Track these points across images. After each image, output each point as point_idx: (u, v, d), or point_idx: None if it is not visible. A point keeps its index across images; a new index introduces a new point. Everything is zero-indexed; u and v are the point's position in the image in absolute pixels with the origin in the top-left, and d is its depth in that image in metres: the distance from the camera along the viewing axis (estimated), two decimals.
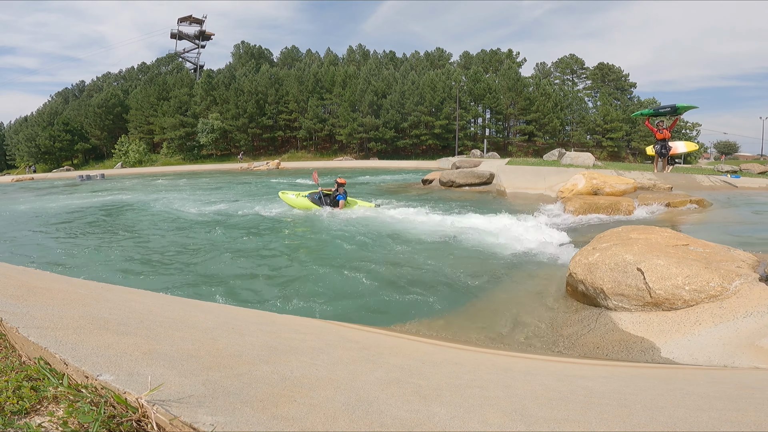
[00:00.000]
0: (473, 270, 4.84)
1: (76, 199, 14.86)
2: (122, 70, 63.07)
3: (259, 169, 35.77)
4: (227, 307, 2.81)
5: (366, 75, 49.12)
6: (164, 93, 51.62)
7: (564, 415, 1.15)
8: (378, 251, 5.90)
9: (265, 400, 0.99)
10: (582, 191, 9.18)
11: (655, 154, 12.28)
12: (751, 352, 2.24)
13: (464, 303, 3.91)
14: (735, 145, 57.82)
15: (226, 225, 8.36)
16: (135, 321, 1.57)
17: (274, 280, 4.67)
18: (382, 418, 0.99)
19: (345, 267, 5.10)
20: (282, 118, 50.45)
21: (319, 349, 1.75)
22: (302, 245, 6.58)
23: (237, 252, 6.00)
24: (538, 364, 2.29)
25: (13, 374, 1.00)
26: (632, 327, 2.78)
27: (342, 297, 4.13)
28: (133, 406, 0.85)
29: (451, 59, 58.68)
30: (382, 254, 5.73)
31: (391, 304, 3.96)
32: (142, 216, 10.15)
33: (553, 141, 48.01)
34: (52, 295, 1.71)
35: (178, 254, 5.99)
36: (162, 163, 48.91)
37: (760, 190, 10.38)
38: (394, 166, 34.65)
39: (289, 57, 60.87)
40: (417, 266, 5.04)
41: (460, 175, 14.06)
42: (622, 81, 53.96)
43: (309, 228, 7.79)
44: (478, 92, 48.00)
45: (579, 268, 3.34)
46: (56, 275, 2.77)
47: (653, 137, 12.24)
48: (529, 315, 3.47)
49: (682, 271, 2.80)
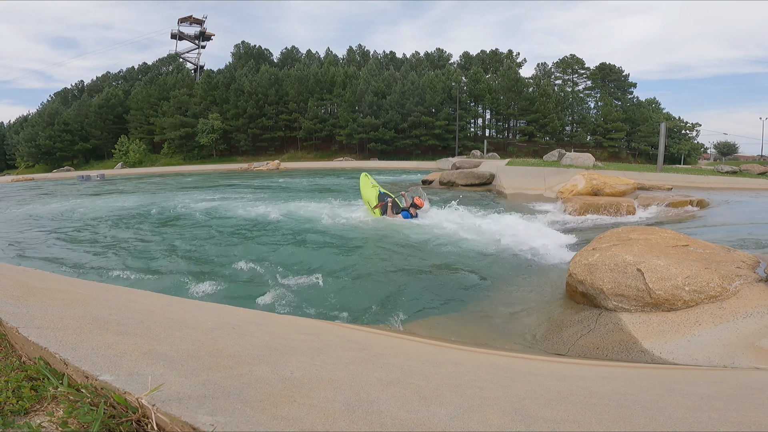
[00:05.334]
0: (473, 270, 4.84)
1: (76, 200, 14.86)
2: (122, 70, 63.17)
3: (259, 169, 35.79)
4: (227, 307, 2.81)
5: (366, 75, 49.14)
6: (164, 93, 51.65)
7: (564, 415, 1.15)
8: (377, 252, 5.90)
9: (264, 400, 0.99)
10: (582, 192, 9.19)
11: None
12: (751, 353, 2.24)
13: (464, 303, 3.91)
14: (734, 145, 57.81)
15: (226, 225, 8.36)
16: (135, 321, 1.57)
17: (274, 281, 4.67)
18: (382, 418, 0.99)
19: (344, 267, 5.10)
20: (282, 118, 50.47)
21: (319, 350, 1.75)
22: (302, 246, 6.57)
23: (237, 252, 6.00)
24: (538, 364, 2.29)
25: (13, 374, 1.01)
26: (632, 327, 2.77)
27: (342, 297, 4.13)
28: (133, 406, 0.85)
29: (450, 60, 58.73)
30: (381, 255, 5.73)
31: (391, 304, 3.96)
32: (142, 216, 10.15)
33: (553, 141, 48.03)
34: (52, 296, 1.71)
35: (178, 254, 5.99)
36: (162, 163, 48.92)
37: (760, 191, 10.38)
38: (394, 166, 34.66)
39: (288, 57, 60.89)
40: (416, 267, 5.04)
41: (460, 176, 14.07)
42: (623, 81, 53.99)
43: (308, 229, 7.79)
44: (478, 93, 48.02)
45: (579, 268, 3.34)
46: (56, 275, 2.77)
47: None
48: (529, 315, 3.47)
49: (682, 272, 2.80)
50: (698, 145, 53.55)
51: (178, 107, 50.22)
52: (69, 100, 58.79)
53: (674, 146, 49.08)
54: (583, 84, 56.25)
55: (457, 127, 45.44)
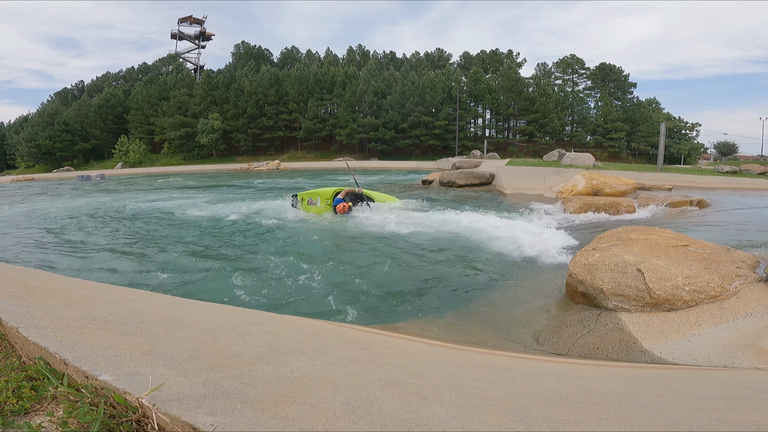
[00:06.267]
0: (472, 270, 4.84)
1: (77, 200, 14.86)
2: (122, 70, 63.18)
3: (259, 169, 35.79)
4: (227, 307, 2.81)
5: (366, 75, 49.15)
6: (164, 93, 51.66)
7: (564, 415, 1.15)
8: (377, 252, 5.90)
9: (264, 400, 0.99)
10: (582, 192, 9.19)
11: None
12: (751, 353, 2.24)
13: (464, 303, 3.91)
14: (734, 145, 57.82)
15: (226, 226, 8.36)
16: (135, 321, 1.57)
17: (273, 281, 4.67)
18: (381, 418, 0.99)
19: (344, 268, 5.10)
20: (282, 118, 50.48)
21: (319, 350, 1.75)
22: (301, 246, 6.57)
23: (238, 252, 6.00)
24: (538, 364, 2.29)
25: (13, 374, 1.01)
26: (632, 327, 2.77)
27: (342, 297, 4.13)
28: (133, 406, 0.85)
29: (450, 60, 58.74)
30: (381, 255, 5.72)
31: (391, 304, 3.96)
32: (142, 216, 10.15)
33: (553, 141, 48.03)
34: (52, 296, 1.71)
35: (178, 254, 5.99)
36: (162, 163, 48.93)
37: (761, 191, 10.38)
38: (394, 166, 34.65)
39: (288, 57, 60.89)
40: (416, 267, 5.04)
41: (460, 176, 14.06)
42: (623, 81, 54.00)
43: (308, 229, 7.79)
44: (478, 93, 48.02)
45: (579, 268, 3.34)
46: (56, 275, 2.77)
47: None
48: (529, 315, 3.47)
49: (682, 272, 2.80)
50: (698, 145, 53.54)
51: (178, 107, 50.23)
52: (69, 100, 58.81)
53: (674, 146, 49.09)
54: (583, 84, 56.28)
55: (457, 127, 45.43)
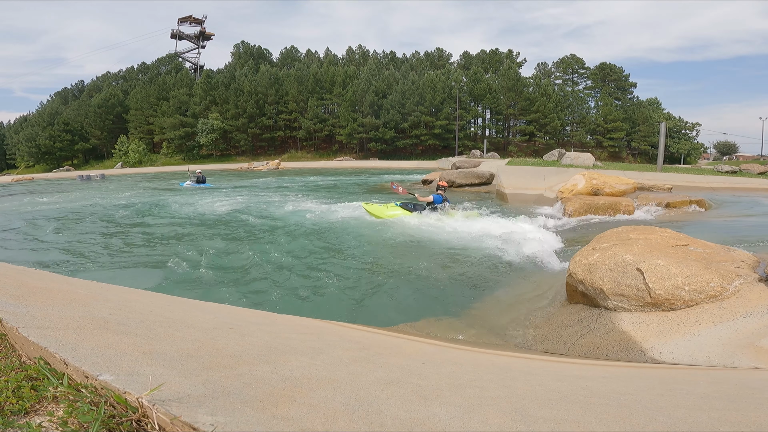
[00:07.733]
0: (472, 270, 4.84)
1: (77, 200, 14.86)
2: (122, 69, 63.13)
3: (259, 169, 35.80)
4: (227, 307, 2.81)
5: (366, 75, 49.14)
6: (164, 93, 51.64)
7: (564, 415, 1.15)
8: (377, 253, 5.90)
9: (265, 400, 0.99)
10: (582, 191, 9.19)
11: None
12: (751, 353, 2.24)
13: (464, 303, 3.91)
14: (734, 145, 57.80)
15: (226, 226, 8.36)
16: (135, 321, 1.57)
17: (273, 281, 4.67)
18: (382, 418, 0.99)
19: (344, 268, 5.10)
20: (282, 118, 50.47)
21: (319, 349, 1.75)
22: (301, 247, 6.57)
23: (238, 253, 6.00)
24: (538, 364, 2.29)
25: (13, 374, 1.00)
26: (632, 327, 2.77)
27: (342, 297, 4.13)
28: (133, 406, 0.85)
29: (451, 59, 58.72)
30: (381, 256, 5.73)
31: (391, 304, 3.96)
32: (142, 216, 10.14)
33: (553, 141, 48.03)
34: (52, 295, 1.71)
35: (178, 254, 5.99)
36: (162, 163, 48.92)
37: (760, 190, 10.38)
38: (394, 166, 34.67)
39: (288, 57, 60.86)
40: (416, 267, 5.04)
41: (460, 176, 14.07)
42: (623, 81, 53.99)
43: (308, 230, 7.79)
44: (478, 92, 48.01)
45: (579, 268, 3.34)
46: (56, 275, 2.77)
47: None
48: (529, 315, 3.47)
49: (682, 272, 2.80)
50: (698, 145, 53.54)
51: (178, 107, 50.22)
52: (69, 100, 58.78)
53: (674, 146, 49.09)
54: (583, 84, 56.26)
55: (457, 126, 45.43)
